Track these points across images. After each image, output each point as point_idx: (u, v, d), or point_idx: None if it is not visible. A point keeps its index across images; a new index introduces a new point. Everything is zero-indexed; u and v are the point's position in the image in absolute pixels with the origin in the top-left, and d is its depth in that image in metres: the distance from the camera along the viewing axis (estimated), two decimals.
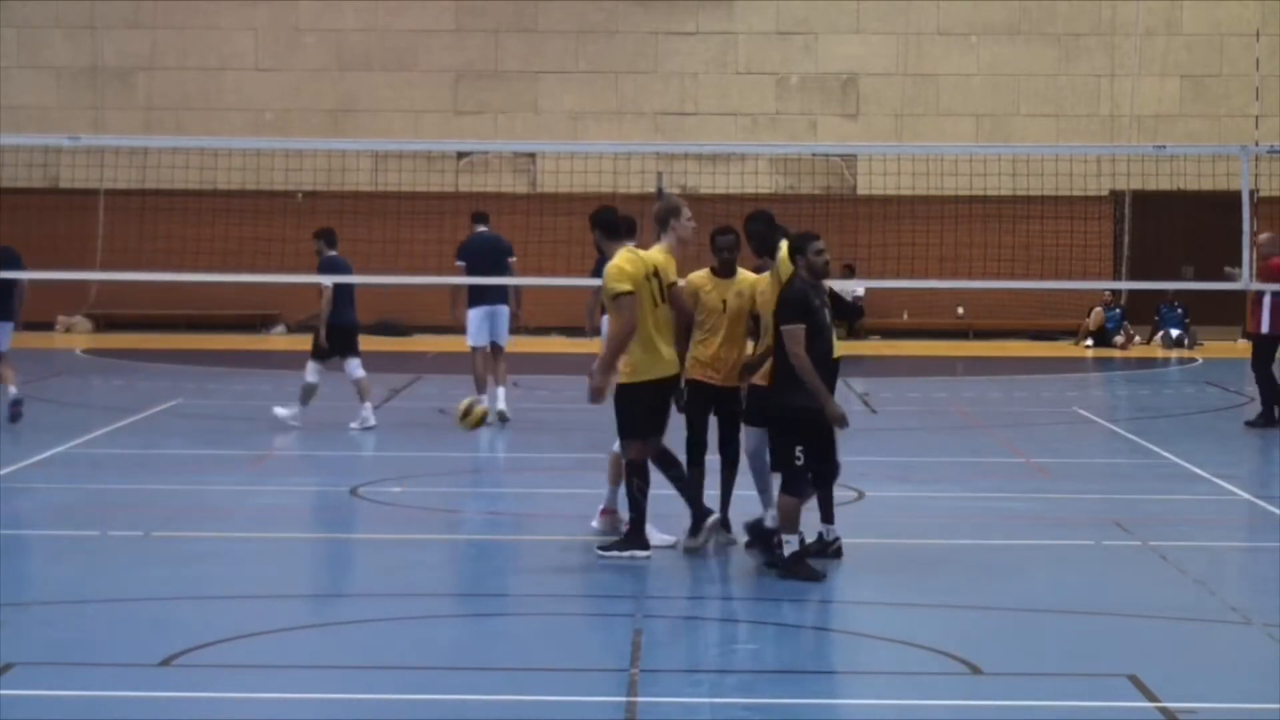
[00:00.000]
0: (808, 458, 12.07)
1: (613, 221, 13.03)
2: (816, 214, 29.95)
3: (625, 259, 12.76)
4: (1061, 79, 37.17)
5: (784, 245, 12.52)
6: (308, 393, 20.26)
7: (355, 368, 20.30)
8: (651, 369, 12.75)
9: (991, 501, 15.70)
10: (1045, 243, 32.27)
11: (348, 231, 33.02)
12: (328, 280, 20.15)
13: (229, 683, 9.62)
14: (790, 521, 12.02)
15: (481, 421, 16.05)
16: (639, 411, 12.76)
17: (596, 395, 12.87)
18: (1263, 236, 22.03)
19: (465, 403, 16.13)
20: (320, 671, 9.87)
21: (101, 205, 35.68)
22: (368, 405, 20.25)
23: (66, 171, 33.85)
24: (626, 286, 12.63)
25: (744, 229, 12.95)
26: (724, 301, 12.91)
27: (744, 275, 13.02)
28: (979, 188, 31.64)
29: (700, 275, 13.05)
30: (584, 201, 33.67)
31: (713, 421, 13.14)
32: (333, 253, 20.56)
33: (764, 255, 12.88)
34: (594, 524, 13.66)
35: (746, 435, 13.04)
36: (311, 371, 20.24)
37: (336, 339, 20.25)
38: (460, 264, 21.42)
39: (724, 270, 13.00)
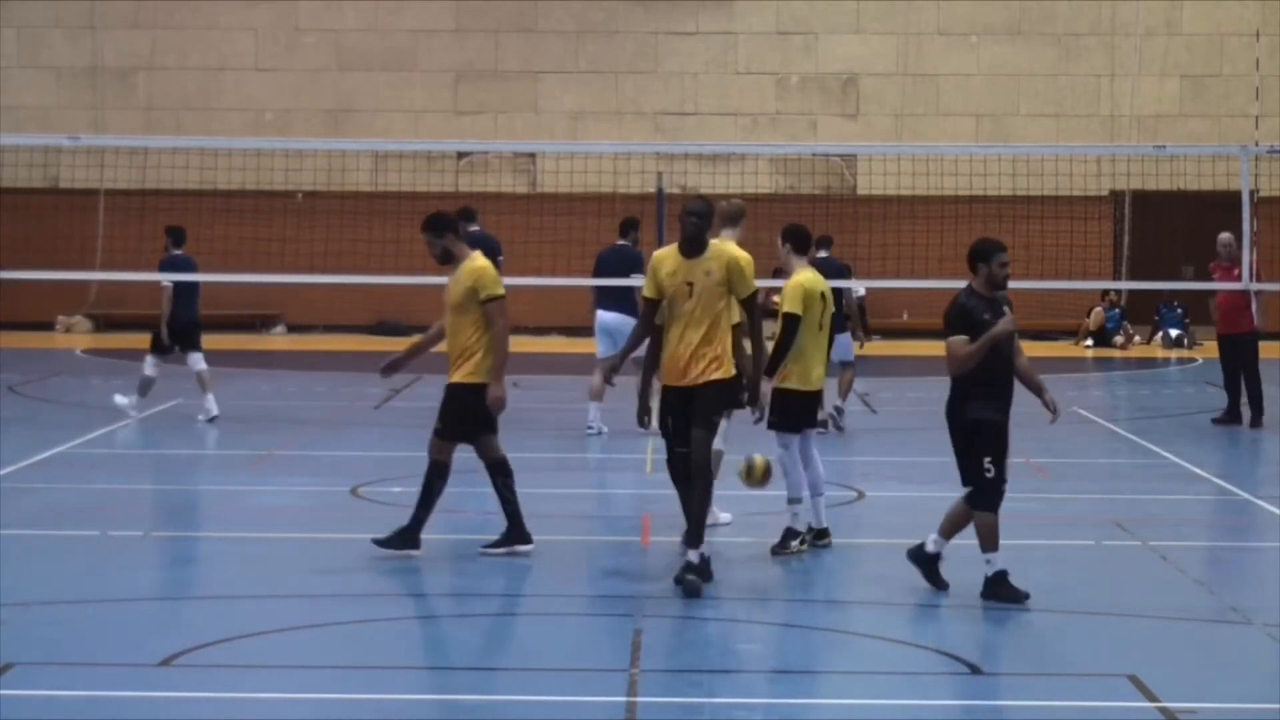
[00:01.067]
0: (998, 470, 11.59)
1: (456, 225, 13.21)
2: (816, 214, 29.95)
3: (489, 264, 12.89)
4: (1061, 79, 37.16)
5: (714, 244, 12.11)
6: (145, 385, 20.93)
7: (197, 361, 21.00)
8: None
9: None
10: (1045, 243, 32.27)
11: (348, 231, 33.22)
12: (168, 279, 20.98)
13: (229, 683, 9.62)
14: (990, 539, 11.51)
15: (767, 472, 13.27)
16: (479, 412, 12.80)
17: (499, 404, 12.84)
18: (1224, 235, 21.81)
19: (743, 465, 13.42)
20: (320, 671, 9.87)
21: (101, 205, 35.68)
22: (210, 396, 20.94)
23: (66, 171, 33.86)
24: (503, 290, 12.80)
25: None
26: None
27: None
28: (979, 188, 31.65)
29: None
30: (584, 201, 33.94)
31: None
32: (178, 251, 21.41)
33: (691, 254, 11.93)
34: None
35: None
36: (150, 365, 20.95)
37: (178, 335, 20.94)
38: None
39: None
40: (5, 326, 33.07)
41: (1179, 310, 35.67)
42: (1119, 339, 35.68)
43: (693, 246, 11.95)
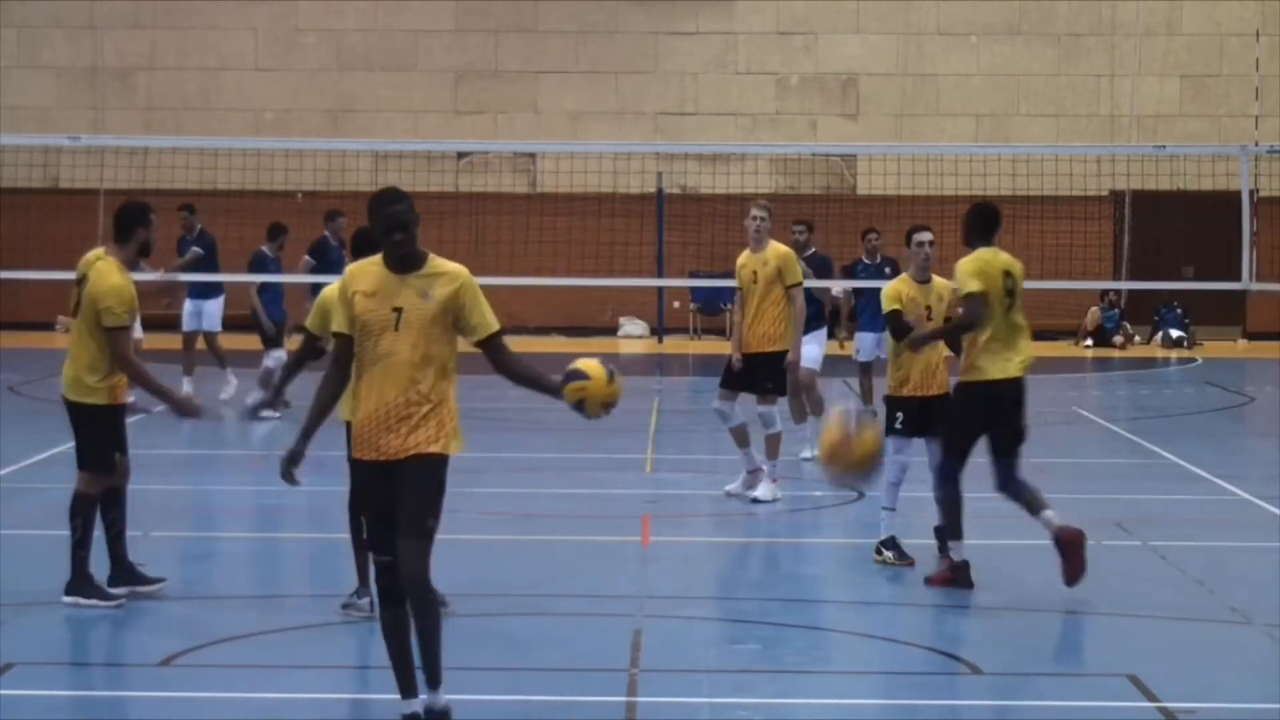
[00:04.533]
0: None
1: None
2: (816, 214, 29.94)
3: None
4: (1061, 79, 37.16)
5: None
6: None
7: None
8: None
9: (992, 501, 15.67)
10: (1045, 243, 32.26)
11: (348, 231, 33.14)
12: None
13: (229, 683, 9.62)
14: None
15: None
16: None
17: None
18: None
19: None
20: (320, 671, 9.87)
21: (101, 205, 35.60)
22: None
23: (66, 171, 33.85)
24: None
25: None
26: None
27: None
28: (979, 188, 31.57)
29: None
30: (584, 201, 33.90)
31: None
32: None
33: (404, 269, 8.34)
34: (756, 492, 14.97)
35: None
36: None
37: None
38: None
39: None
40: (5, 326, 33.05)
41: (1179, 310, 35.66)
42: (1118, 339, 35.67)
43: (407, 259, 8.33)
